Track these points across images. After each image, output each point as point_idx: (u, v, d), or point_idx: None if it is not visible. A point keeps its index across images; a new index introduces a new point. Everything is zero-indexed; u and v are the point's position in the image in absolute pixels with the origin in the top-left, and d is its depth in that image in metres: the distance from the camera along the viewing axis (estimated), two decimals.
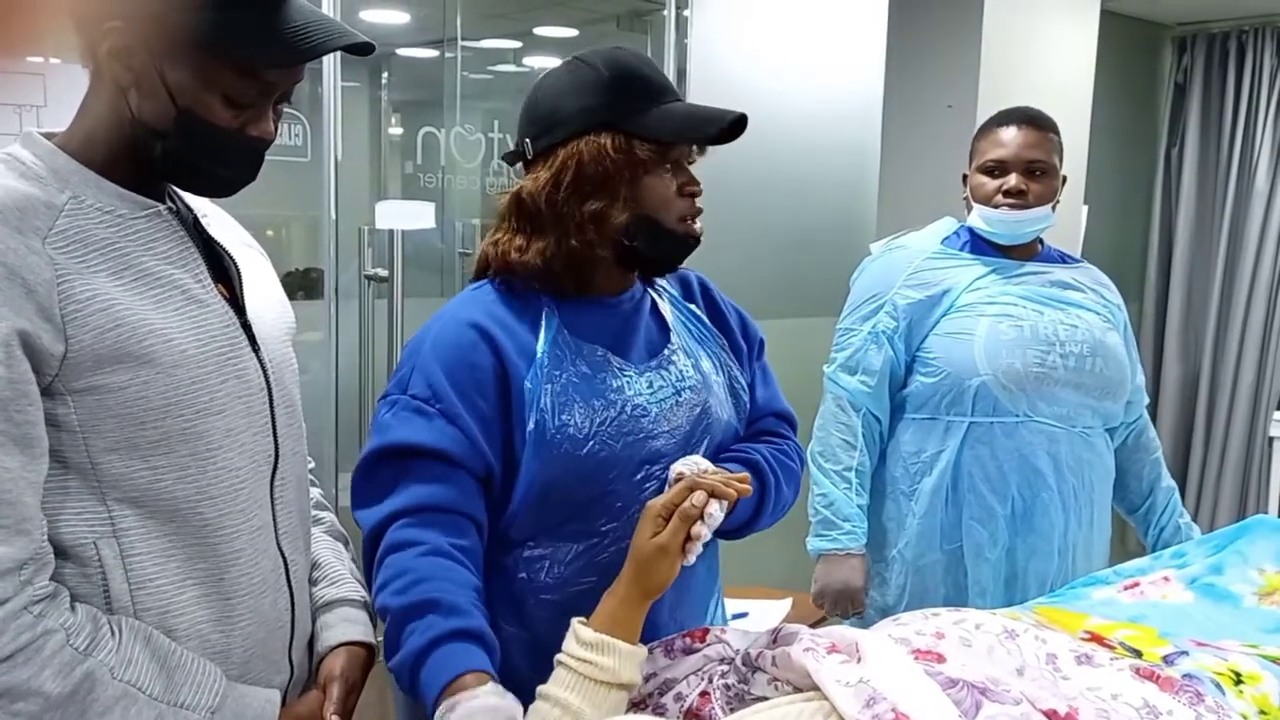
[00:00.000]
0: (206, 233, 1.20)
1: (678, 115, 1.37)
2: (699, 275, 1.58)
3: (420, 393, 1.31)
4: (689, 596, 1.47)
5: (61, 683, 1.00)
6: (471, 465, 1.31)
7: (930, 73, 3.29)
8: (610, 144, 1.34)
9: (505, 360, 1.33)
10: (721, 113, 1.37)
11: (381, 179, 3.68)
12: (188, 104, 1.07)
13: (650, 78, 1.38)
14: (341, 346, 3.02)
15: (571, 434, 1.32)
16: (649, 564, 1.22)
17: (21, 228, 1.01)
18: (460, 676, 1.17)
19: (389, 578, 1.25)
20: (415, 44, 3.72)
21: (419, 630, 1.21)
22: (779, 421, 1.56)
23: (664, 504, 1.24)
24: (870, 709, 1.06)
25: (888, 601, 2.12)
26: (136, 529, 1.08)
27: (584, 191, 1.34)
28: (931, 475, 2.06)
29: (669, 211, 1.38)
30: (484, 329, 1.34)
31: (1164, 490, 2.23)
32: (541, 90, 1.41)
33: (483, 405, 1.31)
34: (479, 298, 1.40)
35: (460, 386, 1.31)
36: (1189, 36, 4.67)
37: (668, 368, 1.43)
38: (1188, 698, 1.19)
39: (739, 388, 1.51)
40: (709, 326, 1.53)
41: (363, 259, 3.00)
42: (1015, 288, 2.07)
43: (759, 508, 1.43)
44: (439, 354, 1.32)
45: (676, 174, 1.39)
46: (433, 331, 1.36)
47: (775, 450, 1.50)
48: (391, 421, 1.31)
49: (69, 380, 1.02)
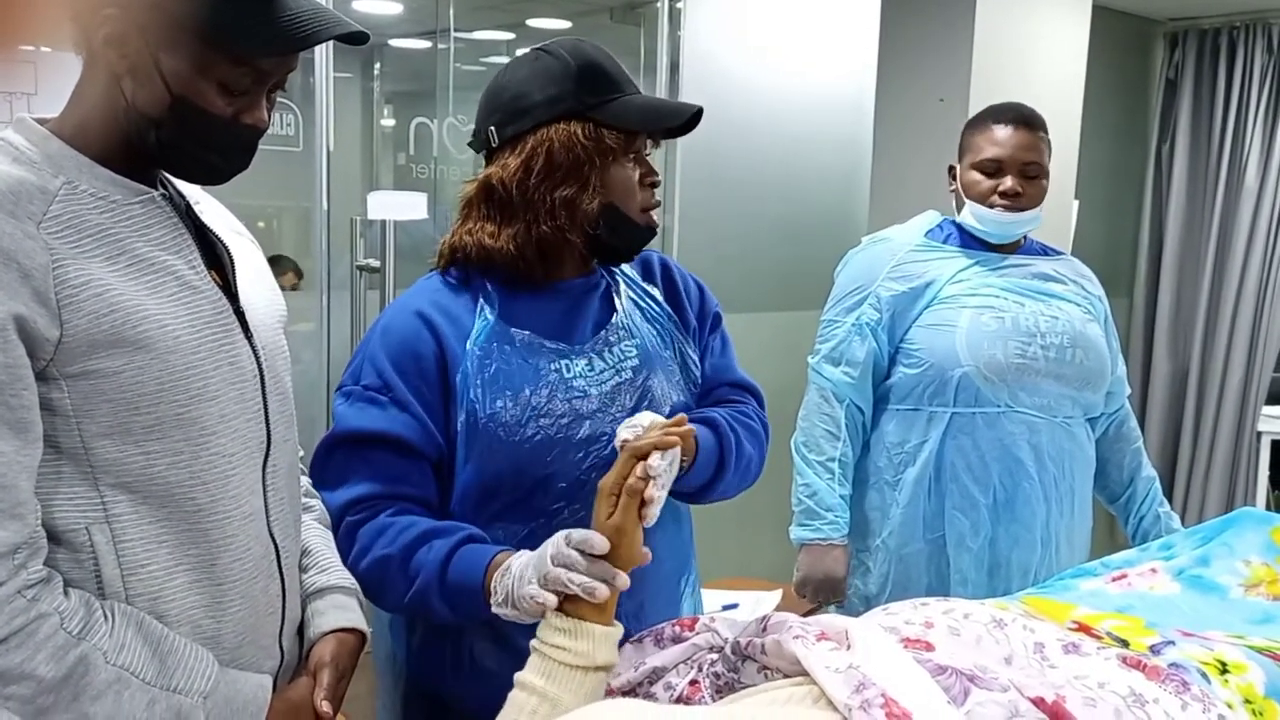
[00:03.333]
0: (199, 219, 1.20)
1: (641, 106, 1.41)
2: (661, 256, 1.61)
3: (372, 382, 1.36)
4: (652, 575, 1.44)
5: (55, 667, 1.01)
6: (425, 449, 1.35)
7: (923, 66, 3.30)
8: (580, 131, 1.37)
9: (445, 348, 1.37)
10: (683, 105, 1.43)
11: (374, 169, 3.68)
12: (182, 91, 1.07)
13: (612, 70, 1.42)
14: (334, 337, 3.01)
15: (504, 420, 1.35)
16: (612, 546, 1.22)
17: (16, 212, 1.01)
18: (494, 556, 1.24)
19: (370, 540, 1.32)
20: (408, 35, 3.72)
21: (432, 552, 1.28)
22: (734, 389, 1.57)
23: (613, 481, 1.24)
24: (859, 694, 1.07)
25: (871, 590, 2.14)
26: (129, 514, 1.08)
27: (555, 178, 1.37)
28: (914, 465, 2.08)
29: (632, 201, 1.42)
30: (427, 317, 1.38)
31: (1144, 480, 2.25)
32: (506, 78, 1.43)
33: (427, 392, 1.36)
34: (426, 288, 1.44)
35: (406, 375, 1.35)
36: (1180, 32, 4.69)
37: (610, 349, 1.45)
38: (1174, 686, 1.20)
39: (691, 364, 1.53)
40: (663, 306, 1.54)
41: (355, 249, 3.00)
42: (997, 280, 2.09)
43: (720, 463, 1.43)
44: (387, 344, 1.37)
45: (638, 164, 1.42)
46: (381, 323, 1.41)
47: (733, 410, 1.51)
48: (348, 412, 1.36)
49: (63, 365, 1.03)
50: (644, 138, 1.42)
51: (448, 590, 1.27)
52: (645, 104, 1.42)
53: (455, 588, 1.27)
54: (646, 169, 1.43)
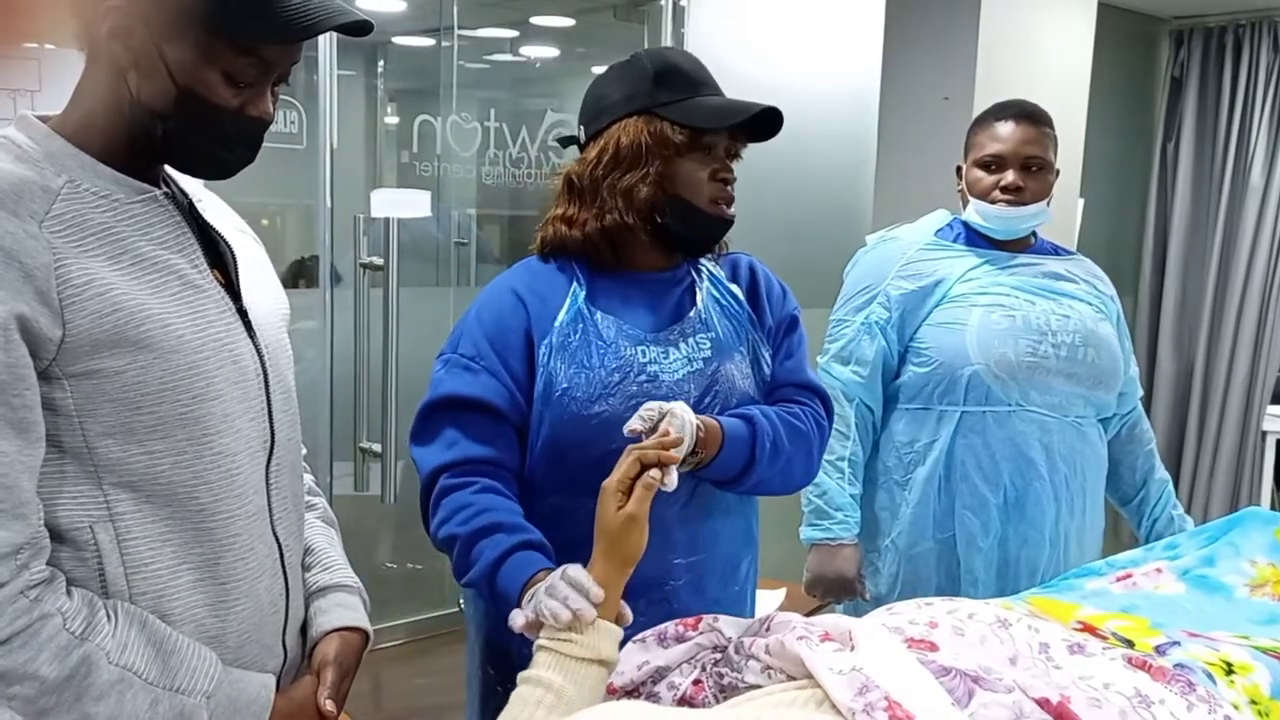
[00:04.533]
0: (202, 218, 1.20)
1: (711, 105, 1.50)
2: (750, 258, 1.69)
3: (468, 351, 1.49)
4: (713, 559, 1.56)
5: (58, 667, 1.01)
6: (512, 416, 1.47)
7: (927, 64, 3.29)
8: (646, 127, 1.48)
9: (532, 324, 1.49)
10: (749, 104, 1.50)
11: (377, 167, 3.68)
12: (188, 83, 1.07)
13: (690, 71, 1.52)
14: (337, 335, 3.01)
15: (575, 395, 1.46)
16: (620, 536, 1.24)
17: (18, 211, 1.01)
18: (535, 574, 1.32)
19: (450, 513, 1.42)
20: (412, 32, 3.72)
21: (490, 547, 1.37)
22: (799, 390, 1.62)
23: (619, 480, 1.27)
24: (863, 697, 1.06)
25: (880, 590, 2.14)
26: (132, 513, 1.08)
27: (620, 168, 1.49)
28: (924, 465, 2.07)
29: (699, 193, 1.50)
30: (520, 295, 1.51)
31: (1157, 482, 2.24)
32: (596, 82, 1.57)
33: (514, 362, 1.48)
34: (524, 269, 1.57)
35: (498, 346, 1.48)
36: (1186, 30, 4.68)
37: (686, 339, 1.54)
38: (1179, 687, 1.20)
39: (764, 361, 1.60)
40: (742, 304, 1.62)
41: (358, 247, 3.00)
42: (1008, 278, 2.08)
43: (751, 459, 1.48)
44: (483, 318, 1.51)
45: (710, 160, 1.51)
46: (481, 299, 1.54)
47: (782, 410, 1.57)
48: (445, 377, 1.49)
49: (66, 364, 1.02)
50: (720, 136, 1.50)
51: (494, 590, 1.37)
52: (716, 104, 1.51)
53: (499, 591, 1.36)
54: (719, 164, 1.51)
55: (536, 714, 1.15)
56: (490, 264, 3.80)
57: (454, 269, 3.65)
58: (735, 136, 1.52)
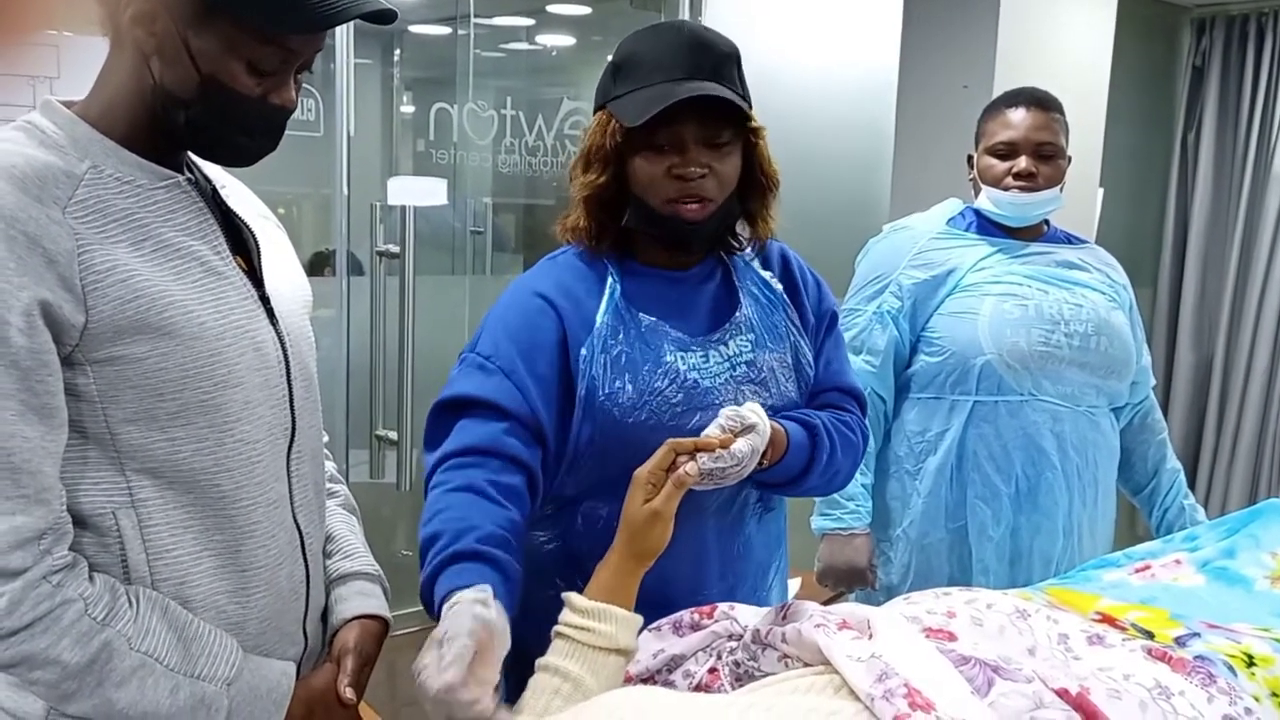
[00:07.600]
0: (225, 204, 1.20)
1: (640, 98, 1.35)
2: (782, 246, 1.61)
3: (485, 350, 1.42)
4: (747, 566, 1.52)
5: (79, 652, 1.01)
6: (523, 418, 1.38)
7: (946, 53, 3.27)
8: (602, 123, 1.41)
9: (567, 328, 1.42)
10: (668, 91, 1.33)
11: (394, 155, 3.67)
12: (211, 70, 1.07)
13: (642, 57, 1.38)
14: (353, 323, 3.02)
15: (620, 402, 1.40)
16: (643, 530, 1.24)
17: (42, 197, 1.01)
18: (450, 594, 1.19)
19: (424, 515, 1.34)
20: (428, 20, 3.71)
21: (429, 559, 1.28)
22: (843, 396, 1.58)
23: (650, 470, 1.26)
24: (882, 684, 1.06)
25: (892, 580, 2.14)
26: (154, 499, 1.08)
27: (589, 170, 1.43)
28: (936, 454, 2.07)
29: (655, 193, 1.40)
30: (549, 299, 1.43)
31: (1169, 472, 2.23)
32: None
33: (542, 367, 1.40)
34: (552, 266, 1.50)
35: (520, 347, 1.41)
36: (1208, 19, 4.63)
37: (727, 342, 1.48)
38: (1200, 679, 1.19)
39: (804, 361, 1.54)
40: (781, 297, 1.55)
41: (375, 235, 3.00)
42: (1021, 267, 2.08)
43: (807, 468, 1.46)
44: (505, 318, 1.44)
45: (665, 156, 1.37)
46: (504, 299, 1.48)
47: (835, 418, 1.53)
48: (457, 377, 1.43)
49: (89, 351, 1.03)
50: (675, 128, 1.35)
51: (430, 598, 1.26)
52: (646, 95, 1.35)
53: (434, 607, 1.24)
54: (675, 160, 1.37)
55: (554, 703, 1.15)
56: (506, 253, 3.80)
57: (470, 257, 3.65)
58: (700, 125, 1.35)
